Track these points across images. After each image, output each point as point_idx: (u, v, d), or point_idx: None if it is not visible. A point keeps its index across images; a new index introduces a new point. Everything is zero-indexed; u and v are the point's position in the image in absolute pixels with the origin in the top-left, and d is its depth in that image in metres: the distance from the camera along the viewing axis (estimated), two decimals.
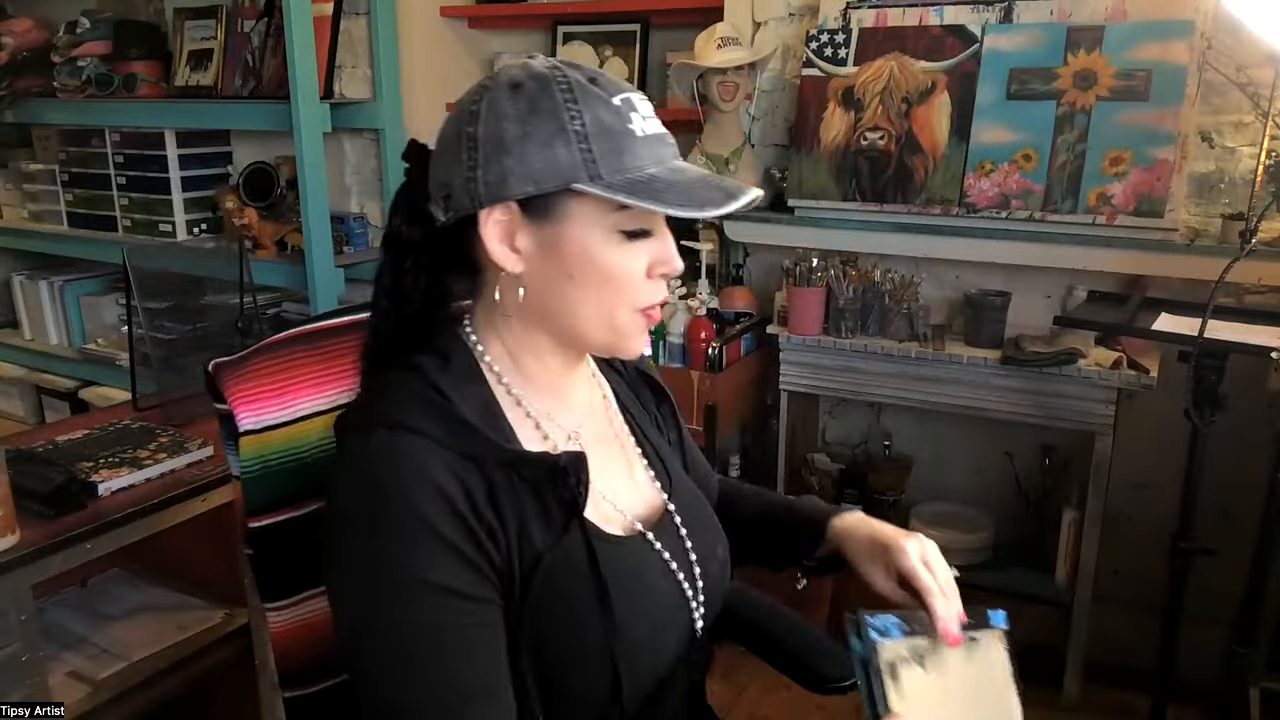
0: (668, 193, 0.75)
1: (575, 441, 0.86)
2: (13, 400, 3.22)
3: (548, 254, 0.78)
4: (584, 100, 0.75)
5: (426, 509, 0.73)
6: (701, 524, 0.94)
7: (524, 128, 0.75)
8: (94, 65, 2.81)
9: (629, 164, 0.75)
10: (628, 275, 0.79)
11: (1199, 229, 2.02)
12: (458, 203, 0.78)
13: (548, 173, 0.75)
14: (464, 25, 2.88)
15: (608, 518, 0.85)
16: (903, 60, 2.13)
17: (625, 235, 0.78)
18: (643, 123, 0.77)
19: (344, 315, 1.03)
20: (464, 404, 0.79)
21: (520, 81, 0.77)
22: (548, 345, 0.84)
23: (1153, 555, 1.88)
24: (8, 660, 1.35)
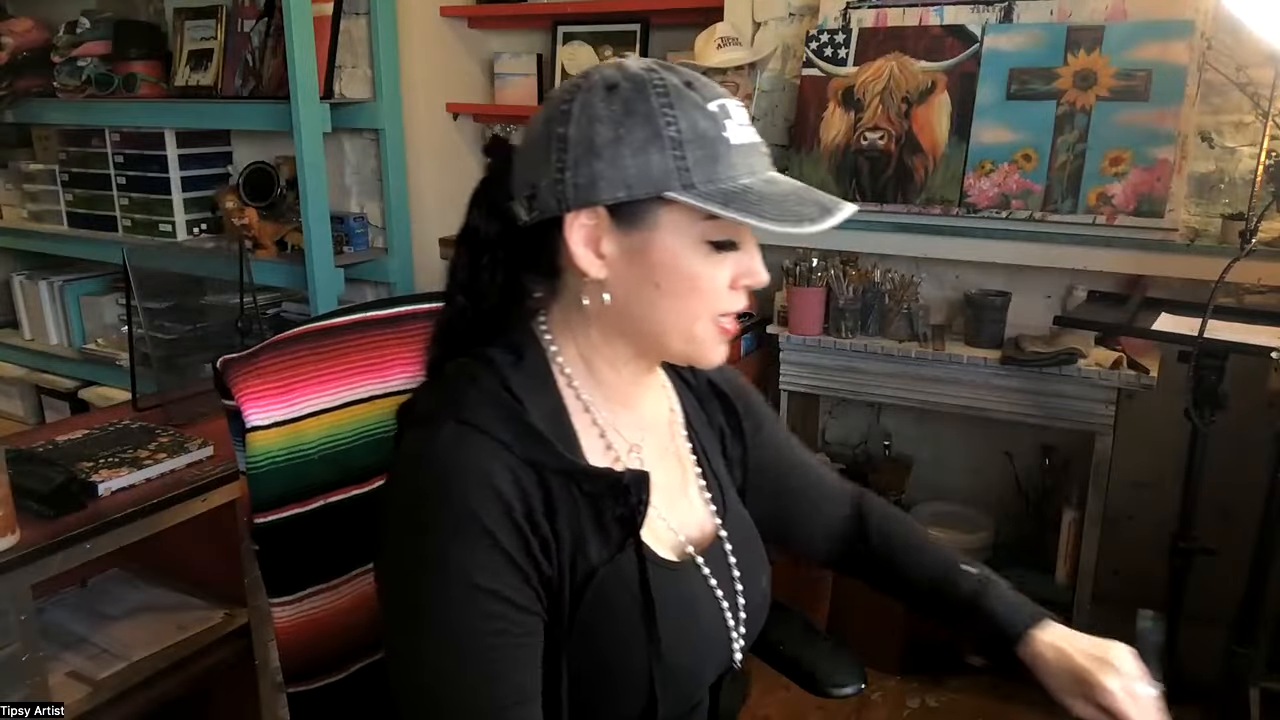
0: (761, 205, 0.73)
1: (636, 455, 0.84)
2: (13, 400, 3.23)
3: (633, 261, 0.76)
4: (680, 105, 0.73)
5: (485, 513, 0.72)
6: (750, 553, 0.92)
7: (617, 131, 0.73)
8: (94, 65, 2.81)
9: (723, 173, 0.74)
10: (712, 285, 0.77)
11: (1199, 229, 2.02)
12: (543, 203, 0.76)
13: (640, 179, 0.73)
14: (464, 25, 2.88)
15: (660, 538, 0.84)
16: (903, 60, 2.13)
17: (713, 246, 0.76)
18: (738, 130, 0.75)
19: (352, 314, 1.04)
20: (534, 408, 0.78)
21: (615, 83, 0.75)
22: (624, 353, 0.82)
23: (1153, 555, 1.88)
24: (8, 660, 1.35)
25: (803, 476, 1.03)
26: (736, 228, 0.76)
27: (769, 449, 1.01)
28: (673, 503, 0.87)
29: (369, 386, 1.01)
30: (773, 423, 1.03)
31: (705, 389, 0.96)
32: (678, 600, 0.81)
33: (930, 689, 2.18)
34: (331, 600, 0.98)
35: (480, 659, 0.72)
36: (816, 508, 1.03)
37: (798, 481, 1.03)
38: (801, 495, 1.03)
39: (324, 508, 0.97)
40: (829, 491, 1.05)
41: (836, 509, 1.04)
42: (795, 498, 1.02)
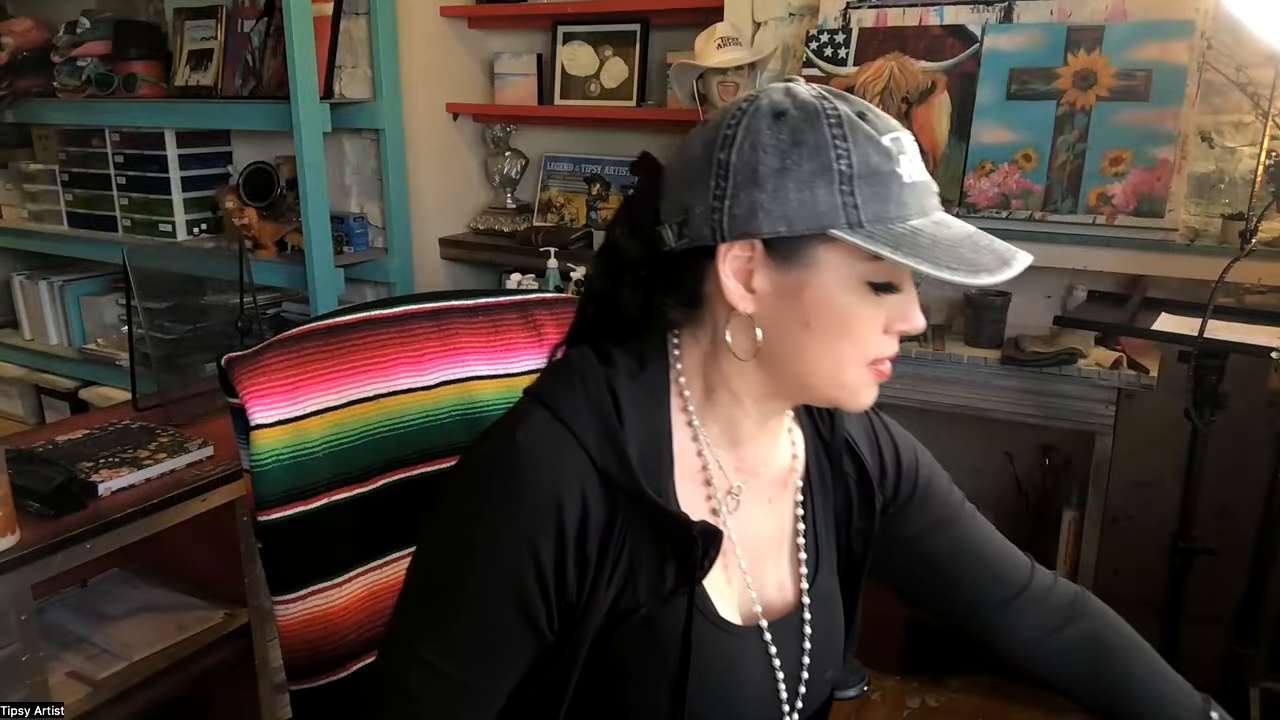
0: (935, 250, 0.67)
1: (734, 497, 0.80)
2: (13, 400, 3.23)
3: (786, 299, 0.72)
4: (853, 137, 0.68)
5: (540, 532, 0.70)
6: (827, 634, 0.85)
7: (784, 161, 0.68)
8: (94, 65, 2.81)
9: (893, 213, 0.68)
10: (867, 329, 0.72)
11: (1199, 229, 2.02)
12: (695, 231, 0.72)
13: (804, 214, 0.68)
14: (464, 25, 2.88)
15: (725, 594, 0.79)
16: (903, 60, 2.13)
17: (872, 287, 0.71)
18: (910, 166, 0.70)
19: (356, 312, 1.04)
20: (634, 424, 0.74)
21: (784, 109, 0.70)
22: (757, 391, 0.77)
23: (1153, 555, 1.88)
24: (8, 660, 1.36)
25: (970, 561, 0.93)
26: (897, 270, 0.70)
27: (924, 520, 0.92)
28: (759, 558, 0.82)
29: (373, 385, 1.01)
30: (943, 502, 0.94)
31: (840, 446, 0.89)
32: (719, 666, 0.77)
33: (930, 689, 2.18)
34: (334, 598, 0.98)
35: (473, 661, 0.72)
36: (994, 599, 0.92)
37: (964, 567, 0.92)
38: (969, 582, 0.92)
39: (327, 506, 0.97)
40: (1011, 578, 0.93)
41: (1030, 603, 0.93)
42: (962, 585, 0.92)
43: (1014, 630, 0.92)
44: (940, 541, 0.92)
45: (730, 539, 0.79)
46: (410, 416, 1.02)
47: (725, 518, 0.79)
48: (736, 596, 0.80)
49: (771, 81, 2.37)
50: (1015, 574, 0.94)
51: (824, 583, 0.86)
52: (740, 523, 0.80)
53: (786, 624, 0.82)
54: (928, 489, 0.93)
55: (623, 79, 2.73)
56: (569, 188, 2.89)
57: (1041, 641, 0.92)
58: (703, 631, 0.75)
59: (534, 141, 2.98)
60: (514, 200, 2.94)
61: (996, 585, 0.92)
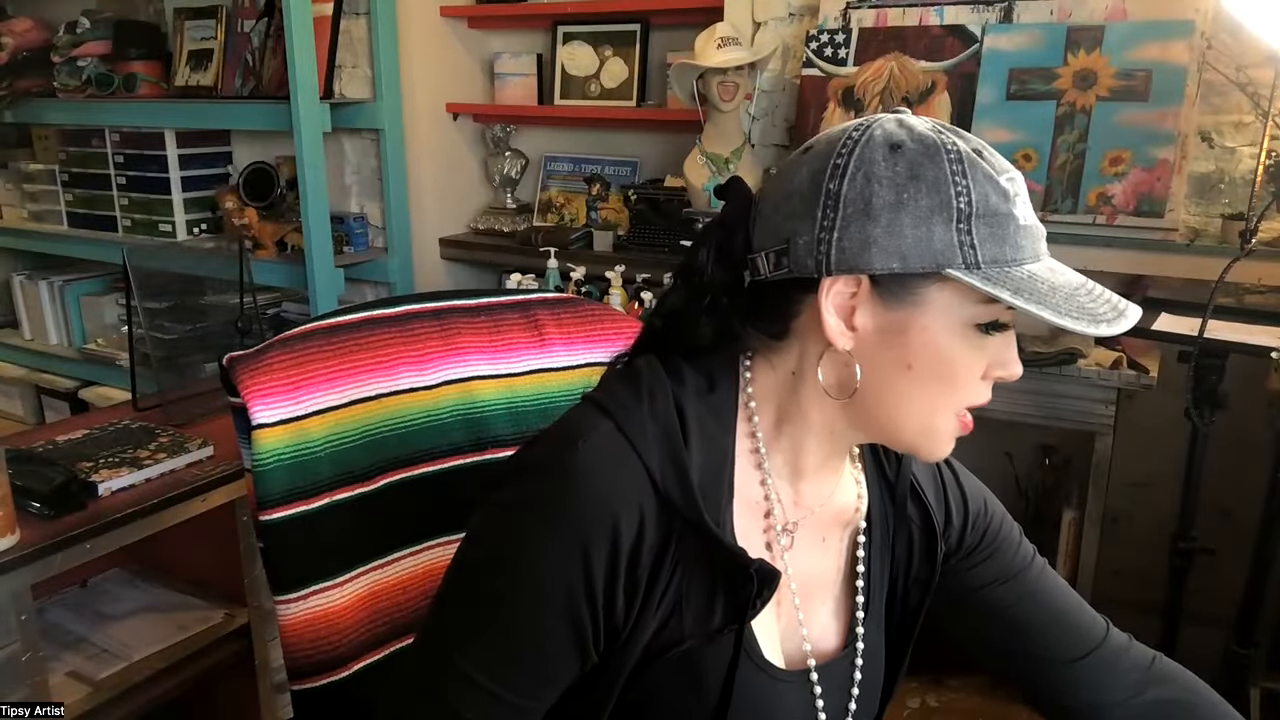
0: (1053, 297, 0.65)
1: (790, 534, 0.77)
2: (13, 400, 3.23)
3: (889, 338, 0.69)
4: (973, 175, 0.66)
5: (595, 550, 0.68)
6: (872, 685, 0.83)
7: (899, 195, 0.66)
8: (94, 65, 2.82)
9: (1009, 255, 0.66)
10: (968, 374, 0.70)
11: (1199, 229, 2.02)
12: (797, 261, 0.69)
13: (919, 251, 0.65)
14: (464, 25, 2.88)
15: (774, 636, 0.77)
16: (903, 60, 2.13)
17: (979, 329, 0.69)
18: (1024, 209, 0.68)
19: (359, 312, 1.04)
20: (699, 447, 0.72)
21: (900, 142, 0.67)
22: (833, 427, 0.75)
23: (1153, 555, 1.89)
24: (8, 660, 1.36)
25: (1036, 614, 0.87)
26: (1005, 313, 0.68)
27: (991, 570, 0.87)
28: (811, 600, 0.80)
29: (375, 385, 1.01)
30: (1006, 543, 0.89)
31: (905, 490, 0.85)
32: (762, 709, 0.74)
33: (930, 689, 2.18)
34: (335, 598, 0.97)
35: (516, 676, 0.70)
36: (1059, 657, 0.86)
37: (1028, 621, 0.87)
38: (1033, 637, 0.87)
39: (329, 505, 0.97)
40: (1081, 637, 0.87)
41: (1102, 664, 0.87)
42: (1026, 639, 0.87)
43: (1085, 691, 0.87)
44: (1008, 593, 0.87)
45: (785, 576, 0.76)
46: (412, 416, 1.02)
47: (781, 553, 0.77)
48: (784, 638, 0.78)
49: (771, 81, 2.38)
50: (1088, 632, 0.88)
51: (871, 630, 0.83)
52: (795, 559, 0.78)
53: (836, 668, 0.80)
54: (996, 539, 0.89)
55: (623, 79, 2.73)
56: (569, 188, 2.89)
57: (1118, 705, 0.86)
58: (746, 673, 0.73)
59: (534, 141, 2.98)
60: (514, 200, 2.94)
61: (1066, 642, 0.87)
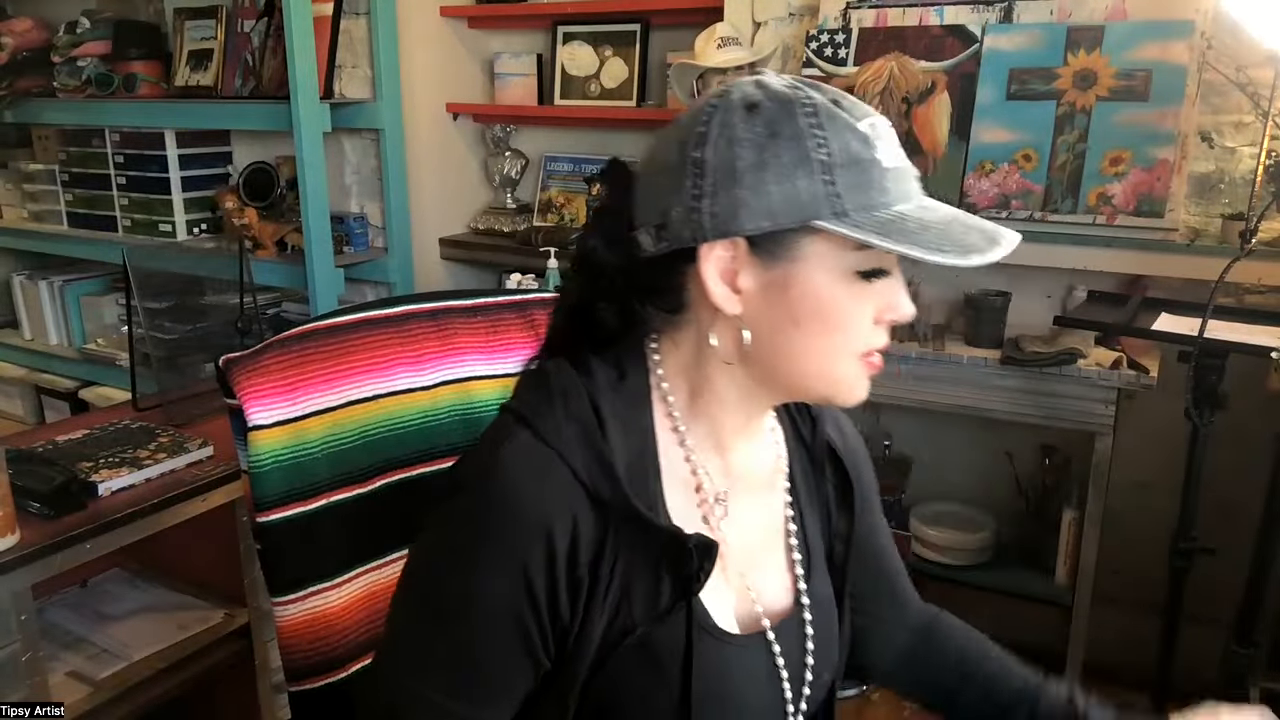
0: (923, 234, 0.66)
1: (723, 503, 0.78)
2: (13, 400, 3.23)
3: (773, 296, 0.70)
4: (831, 125, 0.67)
5: (530, 558, 0.69)
6: (826, 636, 0.84)
7: (761, 155, 0.67)
8: (94, 65, 2.82)
9: (876, 199, 0.67)
10: (857, 320, 0.71)
11: (1199, 229, 2.02)
12: (674, 234, 0.70)
13: (786, 207, 0.66)
14: (464, 25, 2.88)
15: (726, 603, 0.78)
16: (903, 60, 2.13)
17: (860, 276, 0.69)
18: (889, 152, 0.68)
19: (355, 313, 1.04)
20: (619, 436, 0.72)
21: (756, 102, 0.68)
22: (743, 392, 0.76)
23: (1153, 555, 1.88)
24: (8, 660, 1.36)
25: (887, 580, 0.95)
26: (884, 256, 0.69)
27: (866, 536, 0.92)
28: (753, 562, 0.81)
29: (372, 386, 1.01)
30: (876, 512, 0.95)
31: (822, 450, 0.88)
32: (722, 677, 0.75)
33: None
34: (333, 599, 0.98)
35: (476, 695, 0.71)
36: (886, 614, 0.96)
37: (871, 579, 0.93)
38: (878, 598, 0.94)
39: (326, 506, 0.97)
40: (902, 598, 0.97)
41: (906, 618, 0.97)
42: (872, 599, 0.94)
43: (886, 645, 0.96)
44: (872, 545, 0.93)
45: (725, 545, 0.77)
46: (409, 417, 1.02)
47: (717, 523, 0.78)
48: (736, 603, 0.79)
49: None
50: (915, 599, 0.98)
51: (819, 582, 0.85)
52: (732, 527, 0.79)
53: (789, 625, 0.81)
54: (870, 490, 0.93)
55: (623, 79, 2.73)
56: (569, 188, 2.89)
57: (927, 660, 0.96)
58: (703, 645, 0.73)
59: (534, 141, 2.98)
60: (514, 200, 2.94)
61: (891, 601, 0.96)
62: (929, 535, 2.23)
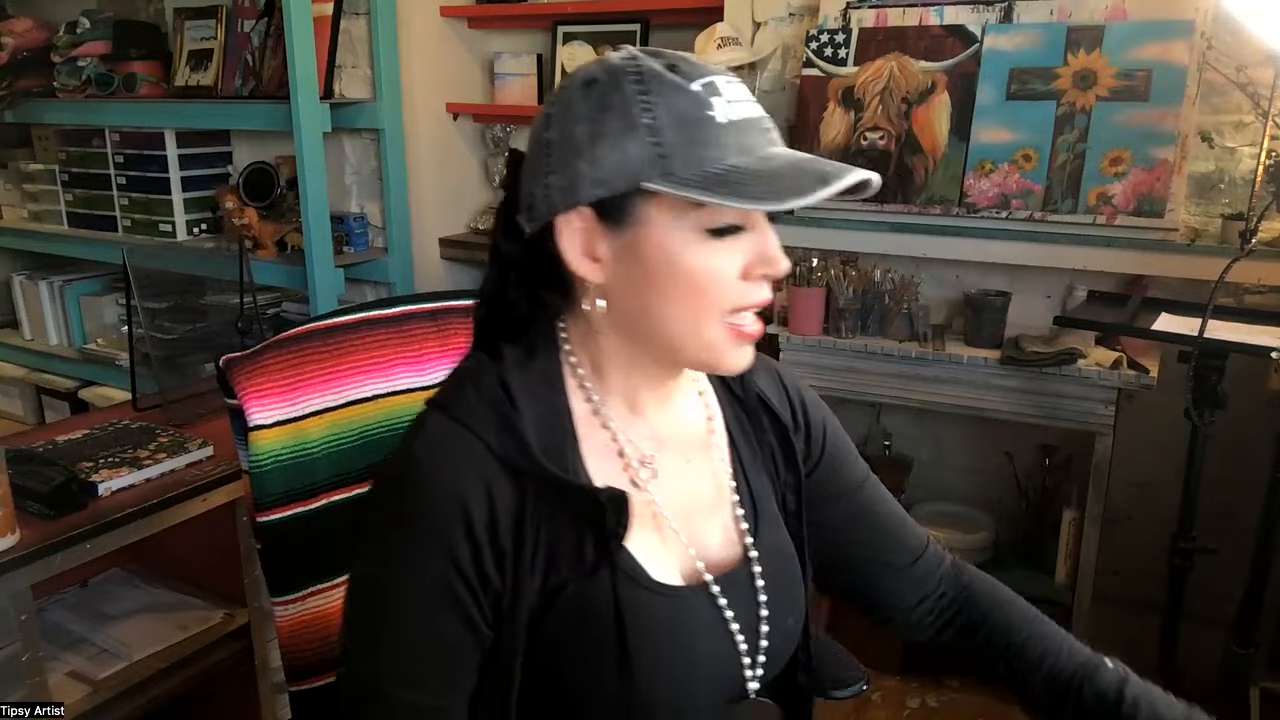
0: (748, 184, 0.67)
1: (649, 466, 0.80)
2: (13, 400, 3.23)
3: (627, 262, 0.72)
4: (657, 90, 0.69)
5: (450, 531, 0.72)
6: (783, 584, 0.85)
7: (595, 127, 0.70)
8: (94, 65, 2.81)
9: (708, 155, 0.68)
10: (718, 278, 0.71)
11: (1199, 229, 2.02)
12: (537, 213, 0.74)
13: (617, 173, 0.69)
14: (464, 25, 2.88)
15: (663, 560, 0.78)
16: (903, 60, 2.13)
17: (711, 234, 0.71)
18: (727, 108, 0.69)
19: (355, 313, 1.04)
20: (531, 409, 0.75)
21: (594, 78, 0.72)
22: (637, 360, 0.78)
23: (1153, 555, 1.88)
24: (8, 660, 1.36)
25: (875, 526, 0.94)
26: (740, 213, 0.70)
27: (834, 484, 0.92)
28: (694, 520, 0.82)
29: (372, 386, 1.01)
30: (855, 464, 0.95)
31: (755, 403, 0.89)
32: (662, 629, 0.76)
33: (930, 689, 2.18)
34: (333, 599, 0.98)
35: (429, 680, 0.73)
36: (898, 560, 0.94)
37: (868, 532, 0.93)
38: (874, 547, 0.93)
39: (326, 506, 0.98)
40: (911, 543, 0.95)
41: (926, 569, 0.95)
42: (866, 549, 0.93)
43: (914, 591, 0.94)
44: (854, 505, 0.93)
45: (654, 503, 0.79)
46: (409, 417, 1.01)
47: (645, 485, 0.79)
48: (678, 561, 0.79)
49: (771, 81, 2.38)
50: (914, 539, 0.95)
51: (770, 534, 0.85)
52: (665, 488, 0.80)
53: (737, 578, 0.81)
54: (836, 451, 0.93)
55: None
56: None
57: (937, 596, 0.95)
58: (636, 597, 0.74)
59: None
60: None
61: (901, 549, 0.94)
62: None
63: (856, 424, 2.50)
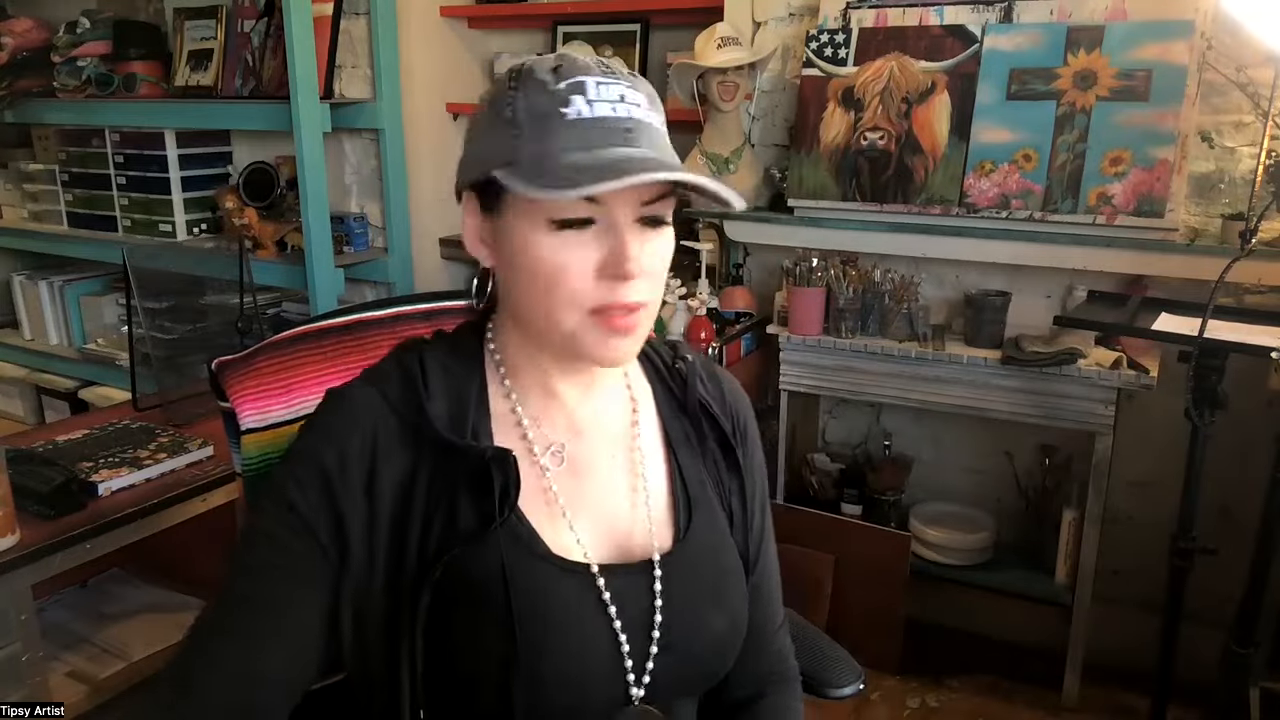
0: (552, 175, 0.68)
1: (557, 452, 0.81)
2: (13, 400, 3.22)
3: (499, 246, 0.77)
4: (525, 87, 0.73)
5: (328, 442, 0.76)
6: (709, 584, 0.83)
7: (481, 121, 0.77)
8: (94, 65, 2.81)
9: (547, 149, 0.70)
10: (562, 271, 0.72)
11: (1199, 229, 2.02)
12: (457, 188, 0.81)
13: (479, 160, 0.75)
14: (464, 25, 2.88)
15: (557, 544, 0.78)
16: (903, 60, 2.13)
17: (557, 225, 0.72)
18: (585, 106, 0.71)
19: (348, 314, 1.03)
20: (442, 385, 0.78)
21: (506, 74, 0.77)
22: (534, 347, 0.80)
23: (1153, 555, 1.88)
24: (8, 660, 1.35)
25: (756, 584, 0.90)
26: (589, 205, 0.71)
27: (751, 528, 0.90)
28: (599, 510, 0.81)
29: None
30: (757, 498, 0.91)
31: (695, 408, 0.88)
32: (550, 604, 0.75)
33: (930, 689, 2.18)
34: None
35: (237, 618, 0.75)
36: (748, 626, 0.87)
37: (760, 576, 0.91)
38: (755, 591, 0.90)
39: None
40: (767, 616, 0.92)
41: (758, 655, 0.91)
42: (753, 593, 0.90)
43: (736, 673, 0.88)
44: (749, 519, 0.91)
45: (550, 490, 0.80)
46: None
47: (547, 470, 0.80)
48: (572, 547, 0.79)
49: (771, 81, 2.38)
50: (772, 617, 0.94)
51: (703, 533, 0.84)
52: (576, 478, 0.81)
53: (632, 573, 0.79)
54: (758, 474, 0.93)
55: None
56: None
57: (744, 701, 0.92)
58: (524, 564, 0.75)
59: None
60: None
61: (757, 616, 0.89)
62: (929, 535, 2.23)
63: (856, 424, 2.50)
